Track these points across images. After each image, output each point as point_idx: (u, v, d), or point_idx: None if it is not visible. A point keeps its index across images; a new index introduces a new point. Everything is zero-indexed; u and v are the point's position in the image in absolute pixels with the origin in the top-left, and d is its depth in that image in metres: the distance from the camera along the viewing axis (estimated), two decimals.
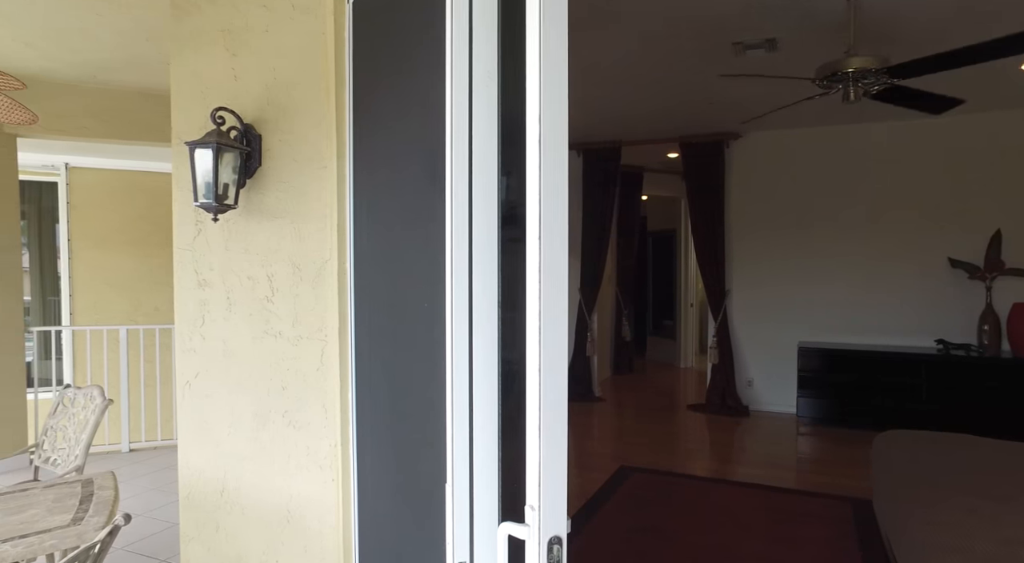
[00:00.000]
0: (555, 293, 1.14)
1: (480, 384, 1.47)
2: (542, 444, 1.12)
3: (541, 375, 1.13)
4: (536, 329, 1.14)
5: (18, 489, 2.41)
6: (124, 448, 5.07)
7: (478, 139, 1.43)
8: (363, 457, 2.08)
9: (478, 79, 1.42)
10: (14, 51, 3.96)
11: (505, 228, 1.50)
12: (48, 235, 6.32)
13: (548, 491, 1.12)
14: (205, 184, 2.09)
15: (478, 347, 1.46)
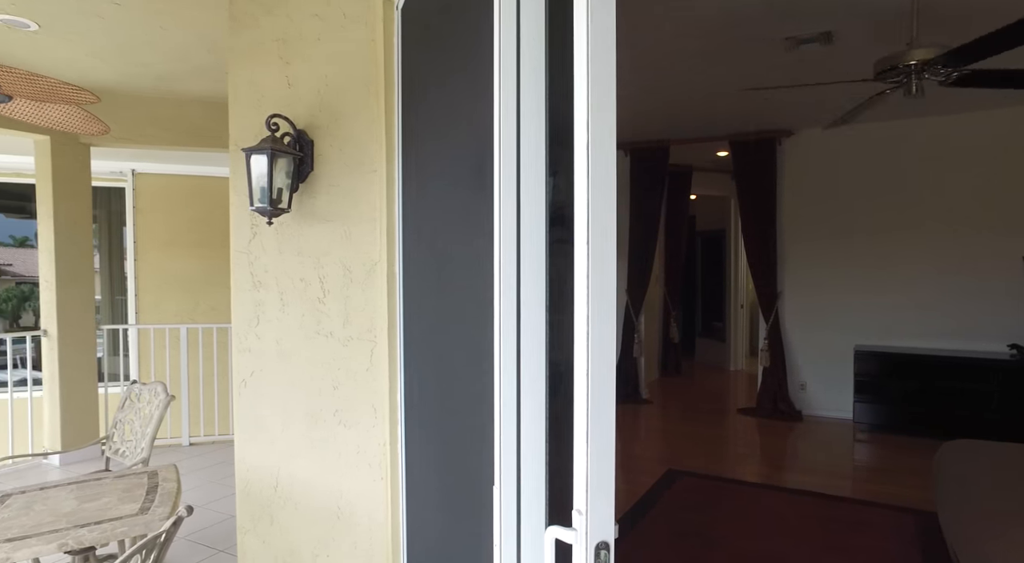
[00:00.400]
0: (603, 295, 1.13)
1: (528, 386, 1.47)
2: (589, 448, 1.11)
3: (589, 378, 1.12)
4: (584, 331, 1.13)
5: (92, 478, 2.54)
6: (185, 442, 5.28)
7: (526, 140, 1.43)
8: (411, 457, 2.11)
9: (526, 81, 1.42)
10: (88, 66, 4.19)
11: (553, 229, 1.50)
12: (116, 238, 6.66)
13: (595, 496, 1.10)
14: (260, 189, 2.16)
15: (526, 349, 1.45)
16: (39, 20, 3.45)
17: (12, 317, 7.12)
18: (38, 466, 4.76)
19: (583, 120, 1.10)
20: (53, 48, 3.88)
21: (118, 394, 5.54)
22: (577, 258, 1.14)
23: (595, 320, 1.12)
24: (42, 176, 4.81)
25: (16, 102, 2.30)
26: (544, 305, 1.48)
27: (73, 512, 2.17)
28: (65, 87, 2.12)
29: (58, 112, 2.43)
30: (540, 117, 1.44)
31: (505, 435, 1.45)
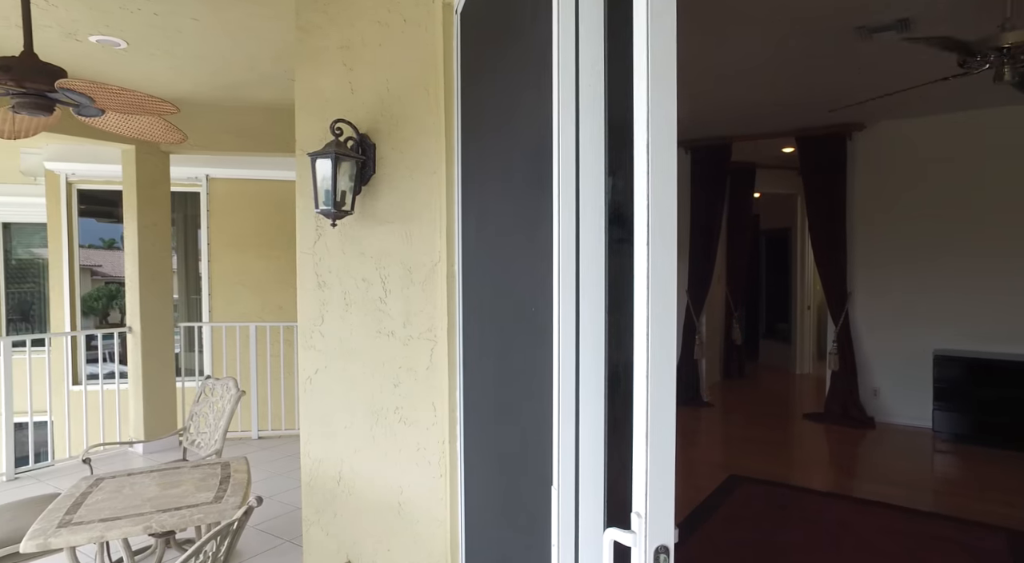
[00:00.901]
0: (663, 296, 1.11)
1: (586, 386, 1.47)
2: (649, 450, 1.10)
3: (648, 380, 1.11)
4: (644, 332, 1.11)
5: (172, 467, 2.69)
6: (254, 435, 5.52)
7: (585, 140, 1.43)
8: (470, 455, 2.14)
9: (585, 81, 1.42)
10: (168, 78, 4.44)
11: (612, 229, 1.48)
12: (192, 240, 7.02)
13: (655, 498, 1.09)
14: (325, 192, 2.23)
15: (585, 349, 1.45)
16: (128, 38, 3.69)
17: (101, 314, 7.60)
18: (124, 453, 5.08)
19: (643, 120, 1.09)
20: (138, 63, 4.13)
21: (193, 388, 5.84)
22: (637, 258, 1.13)
23: (655, 321, 1.10)
24: (128, 183, 5.13)
25: (107, 115, 2.46)
26: (603, 305, 1.47)
27: (156, 497, 2.30)
28: (150, 100, 2.25)
29: (143, 123, 2.59)
30: (599, 116, 1.44)
31: (563, 435, 1.45)
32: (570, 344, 1.46)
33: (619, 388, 1.48)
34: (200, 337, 6.47)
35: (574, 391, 1.46)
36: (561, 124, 1.43)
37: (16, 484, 4.35)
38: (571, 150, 1.44)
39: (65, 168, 6.51)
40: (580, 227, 1.46)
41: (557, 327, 1.45)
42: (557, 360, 1.45)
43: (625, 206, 1.36)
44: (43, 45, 2.37)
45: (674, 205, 1.14)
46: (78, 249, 6.79)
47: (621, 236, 1.48)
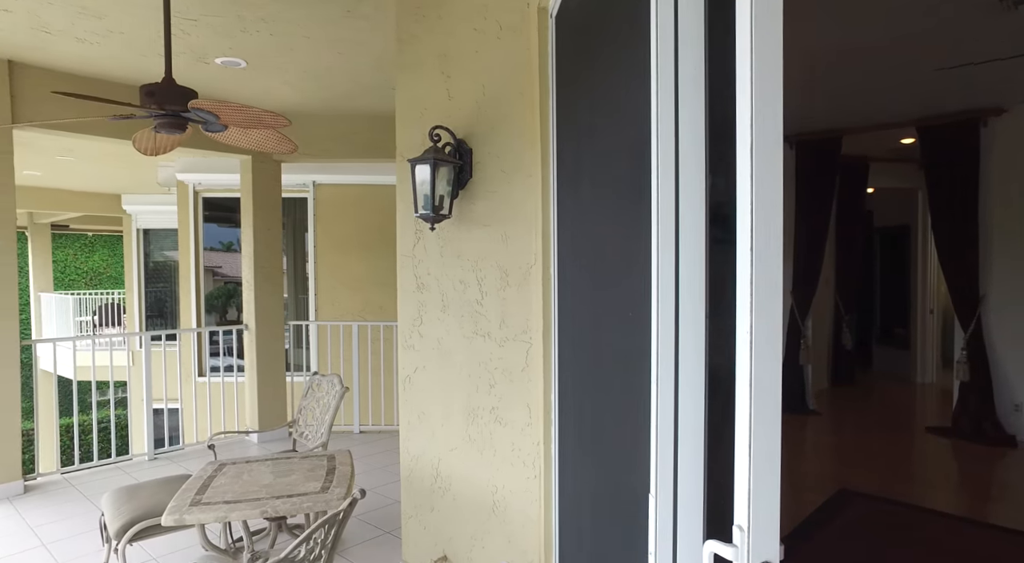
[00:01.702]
0: (768, 299, 1.06)
1: (685, 392, 1.43)
2: (752, 460, 1.05)
3: (752, 386, 1.06)
4: (746, 335, 1.07)
5: (283, 457, 2.88)
6: (355, 429, 5.79)
7: (684, 139, 1.39)
8: (564, 457, 2.13)
9: (684, 79, 1.38)
10: (279, 92, 4.77)
11: (713, 229, 1.44)
12: (300, 243, 7.48)
13: (759, 511, 1.04)
14: (424, 196, 2.31)
15: (684, 353, 1.41)
16: (247, 58, 3.99)
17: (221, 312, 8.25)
18: (241, 441, 5.49)
19: (746, 117, 1.04)
20: (256, 81, 4.46)
21: (301, 383, 6.21)
22: (739, 259, 1.09)
23: (759, 324, 1.06)
24: (245, 190, 5.54)
25: (230, 130, 2.68)
26: (703, 307, 1.43)
27: (270, 485, 2.47)
28: (266, 114, 2.43)
29: (260, 136, 2.79)
30: (699, 113, 1.39)
31: (662, 442, 1.42)
32: (669, 347, 1.43)
33: (720, 393, 1.43)
34: (307, 335, 6.86)
35: (673, 396, 1.43)
36: (660, 122, 1.40)
37: (155, 464, 4.82)
38: (670, 148, 1.40)
39: (193, 179, 7.14)
40: (680, 227, 1.42)
41: (656, 330, 1.42)
42: (655, 363, 1.42)
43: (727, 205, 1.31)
44: (177, 70, 2.61)
45: (779, 205, 1.09)
46: (203, 252, 7.42)
47: (722, 236, 1.43)
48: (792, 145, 6.66)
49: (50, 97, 3.63)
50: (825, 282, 7.22)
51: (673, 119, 1.40)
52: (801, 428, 6.11)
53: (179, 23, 3.38)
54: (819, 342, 7.32)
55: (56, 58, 4.02)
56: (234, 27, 3.50)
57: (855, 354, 8.02)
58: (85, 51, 3.87)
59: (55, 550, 3.29)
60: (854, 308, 7.89)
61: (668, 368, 1.43)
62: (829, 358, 7.81)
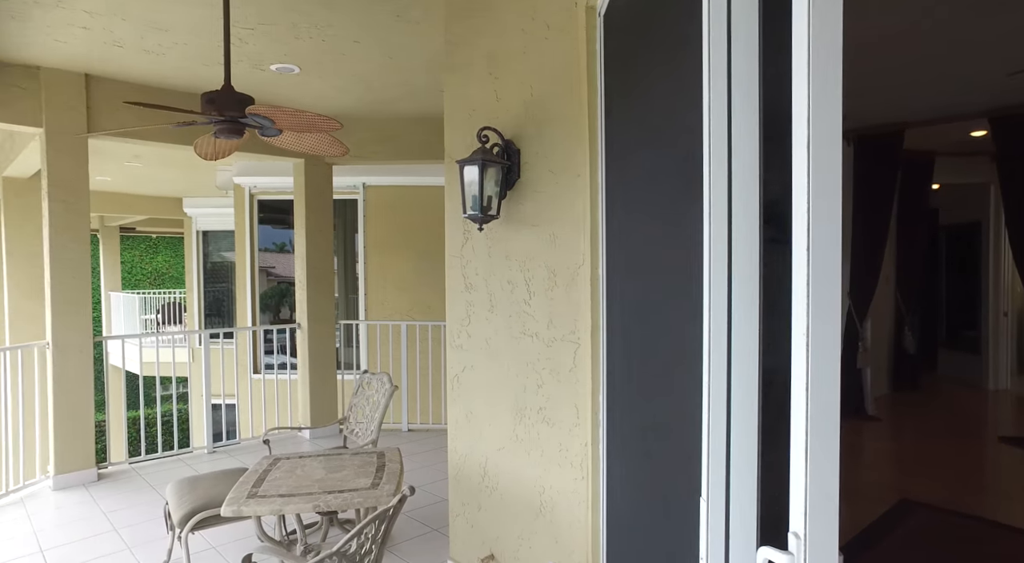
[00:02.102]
0: (825, 300, 1.03)
1: (738, 394, 1.40)
2: (809, 466, 1.02)
3: (808, 388, 1.03)
4: (803, 337, 1.04)
5: (335, 453, 2.95)
6: (404, 428, 5.88)
7: (737, 134, 1.36)
8: (612, 459, 2.12)
9: (737, 74, 1.35)
10: (332, 97, 4.89)
11: (767, 228, 1.40)
12: (350, 243, 7.65)
13: (816, 519, 1.01)
14: (472, 197, 2.32)
15: (737, 355, 1.38)
16: (301, 64, 4.11)
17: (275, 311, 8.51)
18: (294, 437, 5.65)
19: (803, 111, 1.01)
20: (309, 85, 4.58)
21: (351, 381, 6.35)
22: (795, 260, 1.06)
23: (816, 326, 1.03)
24: (298, 192, 5.70)
25: (284, 134, 2.77)
26: (757, 308, 1.39)
27: (322, 480, 2.54)
28: (319, 118, 2.50)
29: (313, 139, 2.87)
30: (753, 108, 1.36)
31: (713, 444, 1.39)
32: (721, 349, 1.40)
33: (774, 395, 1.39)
34: (357, 334, 7.01)
35: (725, 397, 1.40)
36: (712, 119, 1.37)
37: (213, 457, 5.02)
38: (722, 145, 1.38)
39: (249, 182, 7.39)
40: (732, 226, 1.39)
41: (707, 331, 1.39)
42: (707, 365, 1.40)
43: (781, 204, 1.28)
44: (235, 77, 2.72)
45: (838, 203, 1.06)
46: (257, 252, 7.67)
47: (776, 235, 1.39)
48: (850, 141, 6.42)
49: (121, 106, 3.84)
50: (885, 282, 6.93)
51: (726, 115, 1.37)
52: (859, 434, 5.89)
53: (237, 32, 3.51)
54: (879, 345, 7.04)
55: (126, 70, 4.23)
56: (288, 34, 3.61)
57: (918, 358, 7.66)
58: (151, 62, 4.06)
59: (125, 535, 3.47)
60: (917, 310, 7.55)
61: (720, 370, 1.40)
62: (889, 362, 7.49)
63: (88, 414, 4.41)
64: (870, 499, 4.18)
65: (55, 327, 4.26)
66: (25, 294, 6.73)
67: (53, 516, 3.81)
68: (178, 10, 3.28)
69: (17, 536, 3.51)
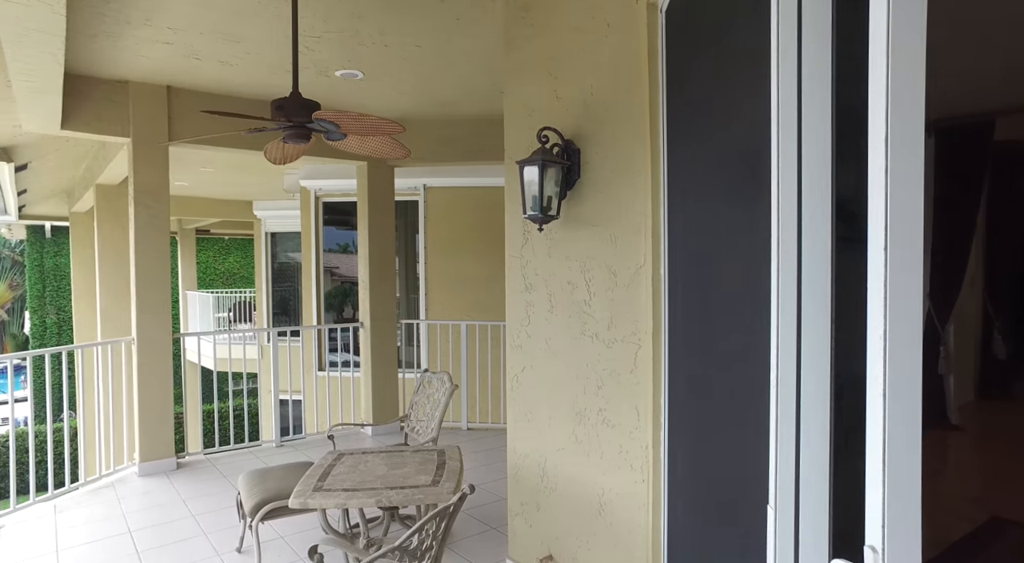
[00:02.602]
0: (905, 302, 0.98)
1: (808, 399, 1.34)
2: (887, 476, 0.97)
3: (886, 397, 0.98)
4: (879, 341, 0.99)
5: (396, 449, 3.02)
6: (463, 426, 5.95)
7: (808, 131, 1.31)
8: (674, 463, 2.08)
9: (807, 64, 1.30)
10: (394, 100, 5.00)
11: (840, 226, 1.34)
12: (411, 244, 7.80)
13: (895, 533, 0.96)
14: (532, 198, 2.33)
15: (807, 358, 1.33)
16: (364, 70, 4.23)
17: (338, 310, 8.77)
18: (356, 433, 5.81)
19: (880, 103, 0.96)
20: (371, 90, 4.71)
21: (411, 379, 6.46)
22: (871, 259, 1.01)
23: (894, 329, 0.98)
24: (361, 195, 5.86)
25: (348, 137, 2.85)
26: (829, 310, 1.34)
27: (384, 476, 2.59)
28: (383, 122, 2.56)
29: (376, 142, 2.95)
30: (825, 101, 1.31)
31: (781, 451, 1.34)
32: (790, 352, 1.35)
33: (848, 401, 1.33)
34: (418, 333, 7.14)
35: (795, 402, 1.35)
36: (781, 113, 1.33)
37: (281, 450, 5.22)
38: (792, 141, 1.33)
39: (314, 185, 7.65)
40: (802, 224, 1.34)
41: (775, 334, 1.35)
42: (775, 368, 1.35)
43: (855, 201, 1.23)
44: (301, 83, 2.82)
45: (919, 199, 1.00)
46: (322, 253, 7.92)
47: (850, 234, 1.34)
48: (931, 132, 6.07)
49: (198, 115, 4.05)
50: (970, 284, 6.52)
51: (796, 109, 1.32)
52: (941, 444, 5.55)
53: (304, 41, 3.63)
54: (963, 350, 6.62)
55: (202, 81, 4.45)
56: (352, 41, 3.72)
57: (1010, 364, 7.16)
58: (225, 72, 4.26)
59: (201, 521, 3.65)
60: (1009, 313, 7.06)
61: (789, 373, 1.35)
62: (975, 368, 7.04)
63: (168, 407, 4.66)
64: (955, 515, 3.94)
65: (139, 324, 4.54)
66: (113, 293, 7.19)
67: (139, 500, 4.05)
68: (251, 22, 3.44)
69: (110, 516, 3.78)
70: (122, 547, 3.35)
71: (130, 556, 3.24)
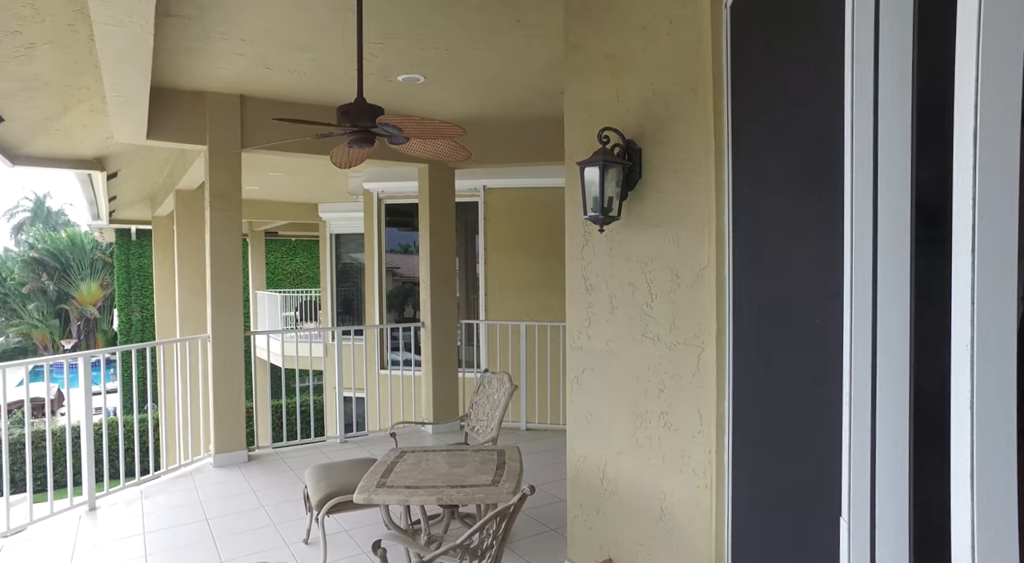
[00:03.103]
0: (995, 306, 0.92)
1: (884, 407, 1.28)
2: (975, 494, 0.92)
3: (973, 407, 0.93)
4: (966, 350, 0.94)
5: (456, 448, 3.06)
6: (522, 426, 5.97)
7: (884, 126, 1.25)
8: (739, 469, 2.02)
9: (885, 59, 1.24)
10: (452, 102, 5.08)
11: (920, 226, 1.28)
12: (470, 245, 7.89)
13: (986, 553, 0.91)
14: (592, 198, 2.31)
15: (883, 364, 1.27)
16: (425, 74, 4.31)
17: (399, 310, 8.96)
18: (417, 431, 5.91)
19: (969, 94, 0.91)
20: (432, 93, 4.79)
21: (471, 379, 6.53)
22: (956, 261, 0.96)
23: (983, 334, 0.92)
24: (422, 196, 5.97)
25: (411, 141, 2.91)
26: (907, 313, 1.27)
27: (445, 474, 2.63)
28: (444, 125, 2.61)
29: (437, 145, 3.00)
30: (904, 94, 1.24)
31: (855, 461, 1.29)
32: (864, 357, 1.29)
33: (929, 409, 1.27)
34: (477, 333, 7.21)
35: (869, 411, 1.29)
36: (855, 108, 1.27)
37: (344, 446, 5.38)
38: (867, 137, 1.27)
39: (377, 187, 7.84)
40: (878, 225, 1.28)
41: (848, 338, 1.29)
42: (848, 374, 1.30)
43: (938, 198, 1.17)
44: (365, 89, 2.90)
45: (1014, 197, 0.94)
46: (385, 254, 8.10)
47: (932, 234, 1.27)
48: None
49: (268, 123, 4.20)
50: None
51: (872, 103, 1.26)
52: None
53: (367, 47, 3.73)
54: None
55: (272, 88, 4.65)
56: (414, 46, 3.79)
57: None
58: (293, 80, 4.43)
59: (271, 512, 3.81)
60: None
61: (863, 379, 1.30)
62: None
63: (240, 401, 4.89)
64: None
65: (214, 322, 4.77)
66: (191, 292, 7.59)
67: (214, 490, 4.27)
68: (317, 32, 3.56)
69: (189, 503, 4.02)
70: (200, 533, 3.53)
71: (206, 542, 3.41)
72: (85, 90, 4.61)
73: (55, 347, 23.26)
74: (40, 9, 3.19)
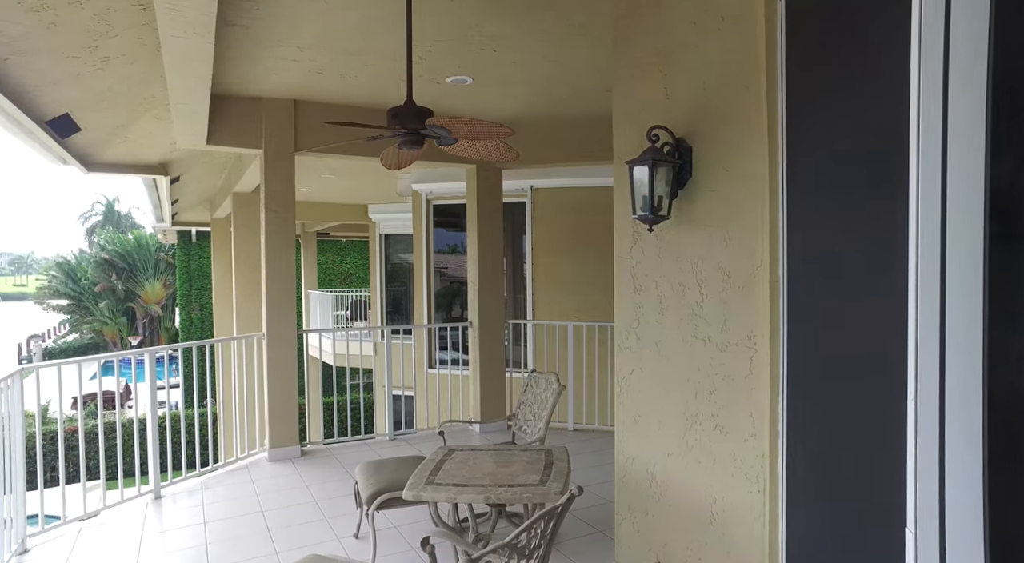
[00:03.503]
0: None
1: (954, 414, 1.22)
2: None
3: None
4: None
5: (504, 447, 3.07)
6: (569, 427, 5.94)
7: (955, 117, 1.19)
8: (794, 474, 1.96)
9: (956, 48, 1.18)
10: (501, 103, 5.10)
11: (993, 222, 1.21)
12: (518, 245, 7.90)
13: None
14: (642, 198, 2.28)
15: (952, 368, 1.20)
16: (473, 75, 4.34)
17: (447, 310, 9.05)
18: (465, 430, 5.96)
19: None
20: (480, 95, 4.82)
21: (518, 378, 6.54)
22: None
23: None
24: (470, 197, 6.01)
25: (459, 142, 2.94)
26: (980, 316, 1.21)
27: (493, 473, 2.65)
28: (493, 126, 2.62)
29: (486, 146, 3.02)
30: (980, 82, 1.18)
31: (922, 469, 1.23)
32: (932, 362, 1.23)
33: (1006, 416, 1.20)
34: (525, 333, 7.21)
35: (938, 417, 1.23)
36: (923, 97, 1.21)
37: (393, 444, 5.47)
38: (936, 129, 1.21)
39: (425, 188, 7.94)
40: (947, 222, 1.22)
41: (914, 341, 1.23)
42: (914, 379, 1.24)
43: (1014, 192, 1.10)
44: (414, 91, 2.94)
45: None
46: (433, 254, 8.20)
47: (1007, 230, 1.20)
48: None
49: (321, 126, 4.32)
50: None
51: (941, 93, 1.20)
52: None
53: (416, 50, 3.78)
54: None
55: (324, 93, 4.77)
56: (462, 47, 3.83)
57: None
58: (343, 84, 4.53)
59: (323, 507, 3.91)
60: None
61: (931, 386, 1.23)
62: None
63: (293, 398, 5.03)
64: None
65: (269, 320, 4.93)
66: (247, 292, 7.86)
67: (269, 483, 4.41)
68: (368, 36, 3.63)
69: (246, 496, 4.16)
70: (255, 524, 3.66)
71: (262, 533, 3.53)
72: (151, 99, 4.84)
73: (123, 343, 24.52)
74: (113, 24, 3.37)
